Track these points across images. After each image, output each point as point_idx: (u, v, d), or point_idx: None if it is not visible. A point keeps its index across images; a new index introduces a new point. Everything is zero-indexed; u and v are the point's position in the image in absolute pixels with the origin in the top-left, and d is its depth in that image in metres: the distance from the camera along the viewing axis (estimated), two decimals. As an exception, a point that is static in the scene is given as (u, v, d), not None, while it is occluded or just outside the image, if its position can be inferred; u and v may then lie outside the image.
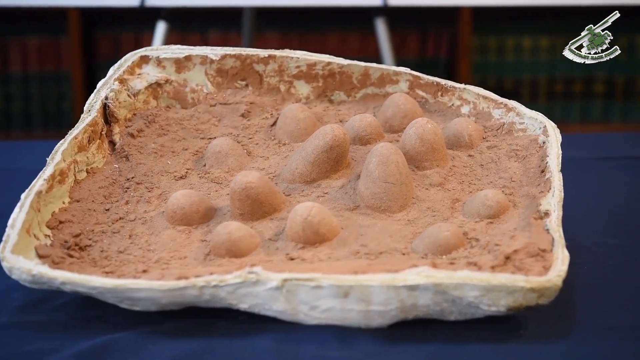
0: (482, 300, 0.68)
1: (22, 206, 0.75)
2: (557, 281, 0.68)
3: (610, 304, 0.74)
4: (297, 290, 0.69)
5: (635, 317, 0.72)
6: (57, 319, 0.72)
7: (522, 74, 2.60)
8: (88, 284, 0.70)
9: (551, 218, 0.74)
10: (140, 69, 0.92)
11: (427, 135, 0.82)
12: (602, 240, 0.87)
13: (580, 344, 0.68)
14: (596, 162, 1.15)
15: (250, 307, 0.70)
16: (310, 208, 0.75)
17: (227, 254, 0.75)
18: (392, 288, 0.68)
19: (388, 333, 0.69)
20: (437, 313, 0.69)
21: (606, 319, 0.71)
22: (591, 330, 0.70)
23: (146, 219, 0.81)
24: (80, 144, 0.83)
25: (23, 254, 0.72)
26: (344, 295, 0.68)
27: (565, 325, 0.71)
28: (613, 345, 0.68)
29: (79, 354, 0.67)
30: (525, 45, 2.57)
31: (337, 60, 0.93)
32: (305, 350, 0.67)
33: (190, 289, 0.69)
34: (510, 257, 0.71)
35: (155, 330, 0.70)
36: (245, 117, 0.91)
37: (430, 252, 0.74)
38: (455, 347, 0.67)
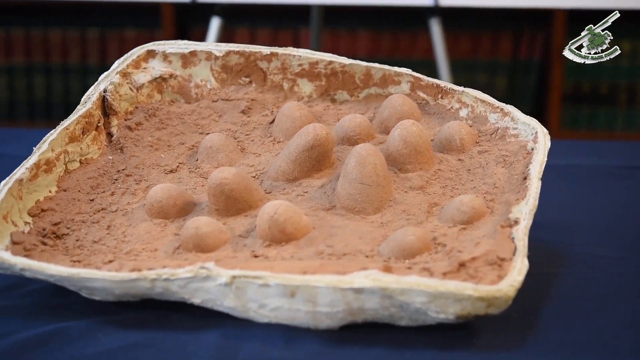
0: (430, 307, 0.66)
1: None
2: (508, 291, 0.66)
3: (576, 318, 0.72)
4: (246, 288, 0.69)
5: (595, 334, 0.69)
6: (22, 305, 0.74)
7: (619, 79, 2.52)
8: (45, 272, 0.71)
9: (519, 226, 0.73)
10: (146, 63, 0.93)
11: (411, 137, 0.81)
12: (600, 252, 0.85)
13: (528, 357, 0.66)
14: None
15: (203, 302, 0.71)
16: (277, 206, 0.75)
17: (195, 249, 0.75)
18: (338, 290, 0.67)
19: (336, 335, 0.69)
20: (386, 317, 0.69)
21: (566, 333, 0.69)
22: (545, 344, 0.68)
23: (127, 211, 0.82)
24: (72, 134, 0.85)
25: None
26: (291, 295, 0.68)
27: (521, 337, 0.69)
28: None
29: (26, 339, 0.68)
30: (624, 49, 2.49)
31: (339, 59, 0.92)
32: (248, 348, 0.67)
33: (142, 281, 0.70)
34: (466, 264, 0.69)
35: (109, 320, 0.71)
36: (246, 114, 0.92)
37: (394, 256, 0.73)
38: (400, 353, 0.66)
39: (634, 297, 0.75)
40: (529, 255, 0.82)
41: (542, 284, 0.78)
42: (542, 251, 0.85)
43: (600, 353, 0.67)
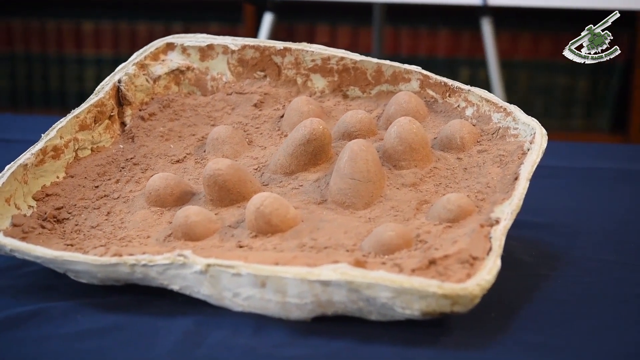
0: (395, 302, 0.67)
1: (2, 176, 0.81)
2: (473, 290, 0.66)
3: (553, 321, 0.71)
4: (220, 276, 0.70)
5: (565, 337, 0.68)
6: (15, 285, 0.77)
7: None
8: (31, 253, 0.74)
9: (499, 226, 0.72)
10: (165, 55, 0.96)
11: (406, 134, 0.81)
12: (596, 256, 0.84)
13: (488, 357, 0.66)
14: None
15: (181, 289, 0.72)
16: (264, 198, 0.76)
17: (183, 237, 0.77)
18: (305, 282, 0.68)
19: (305, 326, 0.69)
20: (356, 311, 0.69)
21: (537, 335, 0.69)
22: (512, 345, 0.67)
23: (129, 198, 0.84)
24: (82, 122, 0.88)
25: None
26: (262, 285, 0.69)
27: (491, 337, 0.68)
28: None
29: (7, 317, 0.71)
30: None
31: (351, 55, 0.93)
32: (217, 335, 0.68)
33: (121, 266, 0.72)
34: (437, 261, 0.69)
35: (92, 303, 0.73)
36: (258, 107, 0.93)
37: (374, 251, 0.73)
38: (363, 346, 0.67)
39: (618, 303, 0.74)
40: (522, 256, 0.82)
41: (530, 285, 0.77)
42: (539, 253, 0.85)
43: (563, 356, 0.66)
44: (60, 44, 2.65)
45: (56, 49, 2.65)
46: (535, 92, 2.53)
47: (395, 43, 2.50)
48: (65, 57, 2.65)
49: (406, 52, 2.52)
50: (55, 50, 2.65)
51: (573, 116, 2.54)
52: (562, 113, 2.54)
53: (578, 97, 2.52)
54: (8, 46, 2.68)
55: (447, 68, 2.51)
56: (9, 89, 2.69)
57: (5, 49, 2.68)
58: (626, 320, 0.71)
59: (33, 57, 2.67)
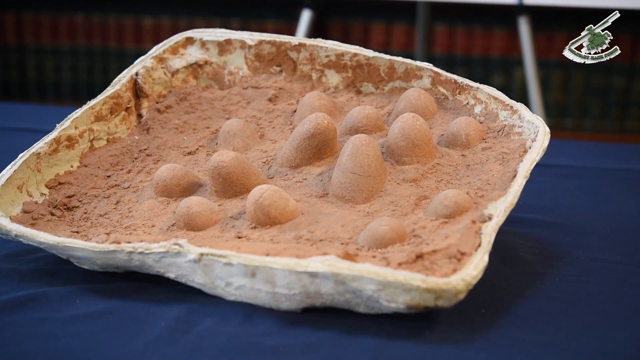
0: (380, 295, 0.68)
1: (14, 164, 0.83)
2: (457, 284, 0.67)
3: (544, 319, 0.71)
4: (212, 265, 0.72)
5: (552, 335, 0.68)
6: (21, 269, 0.79)
7: None
8: (35, 239, 0.76)
9: (490, 223, 0.72)
10: (184, 49, 0.97)
11: (409, 130, 0.82)
12: (601, 256, 0.83)
13: (470, 353, 0.66)
14: None
15: (177, 277, 0.74)
16: (263, 190, 0.78)
17: (185, 227, 0.79)
18: (294, 273, 0.69)
19: (294, 316, 0.71)
20: (344, 303, 0.70)
21: (523, 332, 0.68)
22: (496, 340, 0.67)
23: (138, 188, 0.86)
24: (97, 113, 0.90)
25: (3, 208, 0.80)
26: (252, 275, 0.71)
27: (476, 333, 0.69)
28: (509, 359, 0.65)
29: (8, 300, 0.73)
30: None
31: (364, 51, 0.94)
32: (205, 323, 0.70)
33: (119, 253, 0.74)
34: (424, 256, 0.70)
35: (92, 288, 0.75)
36: (272, 102, 0.95)
37: (368, 245, 0.74)
38: (346, 338, 0.68)
39: (611, 303, 0.74)
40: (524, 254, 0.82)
41: (526, 283, 0.77)
42: (543, 252, 0.85)
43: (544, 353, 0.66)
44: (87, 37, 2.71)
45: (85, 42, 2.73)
46: (591, 93, 2.50)
47: (449, 42, 2.49)
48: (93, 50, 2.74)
49: (461, 50, 2.51)
50: (84, 43, 2.73)
51: (629, 118, 2.51)
52: (617, 114, 2.51)
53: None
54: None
55: (501, 68, 2.49)
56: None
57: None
58: (613, 320, 0.71)
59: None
